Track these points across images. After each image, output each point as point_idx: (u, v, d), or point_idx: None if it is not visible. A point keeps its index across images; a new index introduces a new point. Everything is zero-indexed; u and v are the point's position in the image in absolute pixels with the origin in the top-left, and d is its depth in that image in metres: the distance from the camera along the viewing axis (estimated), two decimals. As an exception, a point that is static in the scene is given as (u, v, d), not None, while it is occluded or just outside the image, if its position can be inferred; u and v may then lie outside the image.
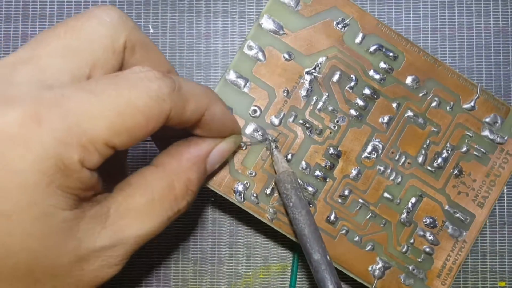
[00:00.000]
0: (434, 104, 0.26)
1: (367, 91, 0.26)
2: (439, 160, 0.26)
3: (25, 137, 0.16)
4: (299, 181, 0.25)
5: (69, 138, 0.17)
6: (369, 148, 0.26)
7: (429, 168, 0.26)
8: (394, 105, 0.26)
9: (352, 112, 0.26)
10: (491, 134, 0.26)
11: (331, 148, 0.26)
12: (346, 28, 0.26)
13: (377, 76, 0.26)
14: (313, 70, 0.25)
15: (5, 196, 0.16)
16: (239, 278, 0.29)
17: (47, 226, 0.17)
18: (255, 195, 0.25)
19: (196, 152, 0.22)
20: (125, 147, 0.18)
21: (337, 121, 0.26)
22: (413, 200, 0.26)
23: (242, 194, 0.25)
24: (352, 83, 0.26)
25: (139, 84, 0.18)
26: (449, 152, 0.26)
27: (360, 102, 0.26)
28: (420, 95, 0.26)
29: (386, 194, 0.26)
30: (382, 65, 0.26)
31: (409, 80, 0.26)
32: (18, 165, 0.16)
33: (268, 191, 0.25)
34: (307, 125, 0.25)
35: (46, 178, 0.16)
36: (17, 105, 0.16)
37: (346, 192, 0.26)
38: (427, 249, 0.26)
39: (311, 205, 0.25)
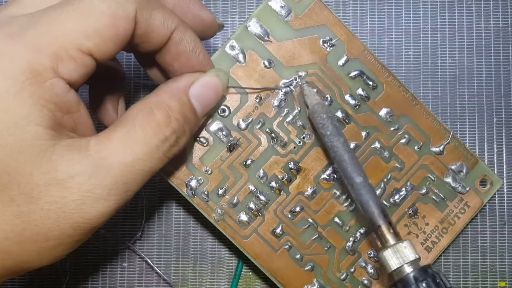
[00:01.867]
0: (403, 140, 0.26)
1: (339, 114, 0.26)
2: (396, 196, 0.26)
3: None
4: (253, 189, 0.25)
5: (38, 45, 0.17)
6: (329, 170, 0.26)
7: (384, 202, 0.26)
8: (364, 133, 0.26)
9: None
10: (454, 182, 0.26)
11: (292, 163, 0.25)
12: (331, 48, 0.26)
13: (352, 102, 0.26)
14: (290, 83, 0.25)
15: None
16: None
17: (17, 138, 0.17)
18: (206, 192, 0.25)
19: (174, 85, 0.21)
20: (103, 53, 0.18)
21: (303, 138, 0.26)
22: (362, 230, 0.26)
23: (193, 189, 0.25)
24: (326, 103, 0.26)
25: None
26: (408, 190, 0.26)
27: (330, 124, 0.26)
28: (391, 129, 0.26)
29: (336, 219, 0.26)
30: (360, 91, 0.26)
31: (383, 112, 0.26)
32: None
33: (220, 191, 0.25)
34: (273, 135, 0.25)
35: (17, 84, 0.17)
36: None
37: (298, 209, 0.26)
38: (365, 281, 0.26)
39: (260, 214, 0.25)
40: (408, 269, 0.21)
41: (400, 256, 0.21)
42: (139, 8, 0.19)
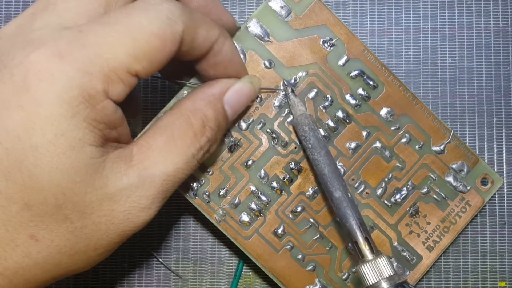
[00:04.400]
0: (404, 140, 0.26)
1: (340, 114, 0.26)
2: (398, 196, 0.26)
3: (49, 72, 0.17)
4: (254, 189, 0.25)
5: (91, 68, 0.17)
6: (331, 170, 0.26)
7: (386, 201, 0.26)
8: (364, 133, 0.26)
9: (321, 131, 0.26)
10: (455, 181, 0.26)
11: (293, 163, 0.25)
12: (332, 48, 0.26)
13: (353, 101, 0.26)
14: (291, 83, 0.25)
15: (33, 128, 0.17)
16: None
17: (74, 160, 0.18)
18: (207, 193, 0.25)
19: (209, 92, 0.22)
20: (148, 73, 0.19)
21: (304, 138, 0.26)
22: (363, 230, 0.26)
23: (195, 190, 0.25)
24: (327, 103, 0.26)
25: (150, 9, 0.18)
26: (409, 190, 0.26)
27: (331, 124, 0.26)
28: (392, 128, 0.26)
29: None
30: (360, 91, 0.26)
31: (384, 111, 0.26)
32: (44, 98, 0.17)
33: (222, 192, 0.25)
34: (274, 135, 0.25)
35: (72, 109, 0.17)
36: (40, 46, 0.17)
37: (299, 209, 0.26)
38: (367, 281, 0.26)
39: (261, 215, 0.25)
40: (385, 285, 0.21)
41: (376, 271, 0.21)
42: (186, 28, 0.19)
